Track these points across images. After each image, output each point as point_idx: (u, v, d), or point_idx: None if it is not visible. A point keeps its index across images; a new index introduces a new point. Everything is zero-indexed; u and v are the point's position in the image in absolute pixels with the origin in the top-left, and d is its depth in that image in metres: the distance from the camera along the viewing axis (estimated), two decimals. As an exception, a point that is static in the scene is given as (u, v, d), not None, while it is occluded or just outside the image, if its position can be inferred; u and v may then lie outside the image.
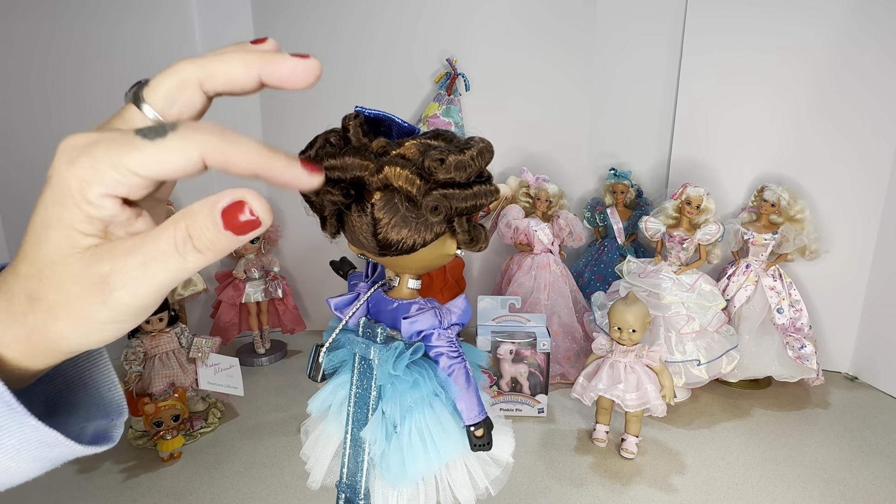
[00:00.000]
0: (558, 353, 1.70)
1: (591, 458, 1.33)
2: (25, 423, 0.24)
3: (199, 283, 1.64)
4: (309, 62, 0.25)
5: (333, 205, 0.59)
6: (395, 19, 1.82)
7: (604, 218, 1.90)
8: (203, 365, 1.37)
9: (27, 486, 1.02)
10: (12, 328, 0.24)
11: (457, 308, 0.74)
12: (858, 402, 1.61)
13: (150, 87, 0.25)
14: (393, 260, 0.65)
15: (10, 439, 0.24)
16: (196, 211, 0.22)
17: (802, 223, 1.58)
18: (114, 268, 0.22)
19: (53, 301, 0.23)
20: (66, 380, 0.31)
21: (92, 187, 0.22)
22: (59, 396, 0.31)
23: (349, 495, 0.80)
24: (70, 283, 0.23)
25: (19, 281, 0.24)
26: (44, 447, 0.25)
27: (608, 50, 1.88)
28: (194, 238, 0.22)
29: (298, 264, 2.00)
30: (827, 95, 1.63)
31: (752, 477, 1.27)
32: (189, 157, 0.22)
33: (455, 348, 0.73)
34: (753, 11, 1.65)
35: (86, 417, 0.30)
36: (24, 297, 0.23)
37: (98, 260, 0.23)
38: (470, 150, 0.57)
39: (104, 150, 0.22)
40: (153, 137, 0.22)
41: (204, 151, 0.22)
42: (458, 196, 0.57)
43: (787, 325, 1.59)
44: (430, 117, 1.79)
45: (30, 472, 0.26)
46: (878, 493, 1.22)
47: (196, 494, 1.19)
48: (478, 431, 0.73)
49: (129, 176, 0.22)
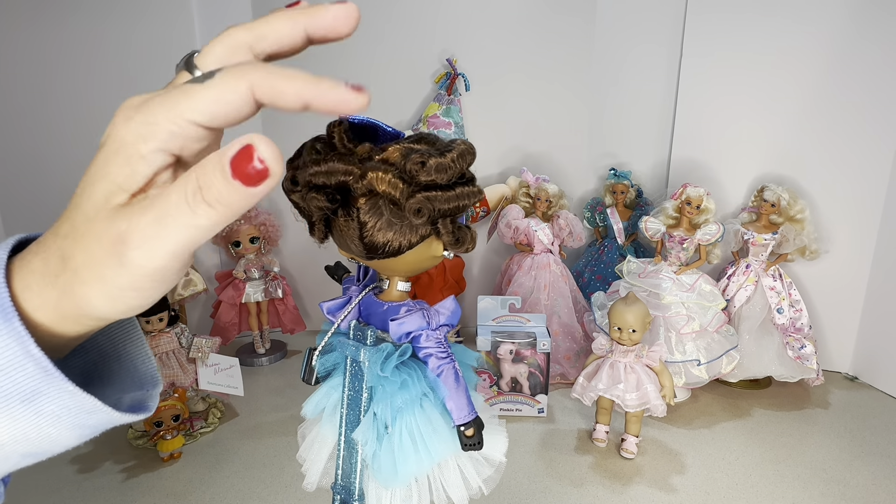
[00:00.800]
0: (558, 353, 1.70)
1: (591, 458, 1.33)
2: (64, 389, 0.24)
3: (199, 283, 1.64)
4: (348, 6, 0.25)
5: (320, 210, 0.60)
6: (395, 19, 1.82)
7: (604, 218, 1.90)
8: (203, 365, 1.37)
9: (27, 487, 1.02)
10: (44, 290, 0.24)
11: (445, 309, 0.74)
12: (858, 402, 1.61)
13: (202, 53, 0.25)
14: (381, 263, 0.67)
15: (50, 405, 0.24)
16: (206, 161, 0.22)
17: (802, 223, 1.58)
18: (129, 226, 0.22)
19: (81, 262, 0.23)
20: (100, 352, 0.31)
21: (147, 141, 0.23)
22: (94, 368, 0.31)
23: (344, 497, 0.81)
24: (95, 243, 0.23)
25: (57, 241, 0.24)
26: (83, 414, 0.25)
27: (608, 50, 1.88)
28: (203, 189, 0.21)
29: (298, 264, 2.00)
30: (826, 96, 1.63)
31: (752, 477, 1.27)
32: (240, 91, 0.22)
33: (444, 349, 0.74)
34: (753, 13, 1.65)
35: (121, 389, 0.31)
36: (58, 257, 0.24)
37: (119, 217, 0.23)
38: (451, 152, 0.58)
39: (158, 103, 0.23)
40: (203, 80, 0.22)
41: (253, 82, 0.22)
42: (441, 198, 0.59)
43: (787, 325, 1.59)
44: (430, 117, 1.79)
45: (70, 440, 0.26)
46: (878, 493, 1.22)
47: (196, 494, 1.19)
48: (468, 431, 0.74)
49: (185, 125, 0.22)
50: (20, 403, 0.23)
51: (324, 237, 0.65)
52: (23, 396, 0.23)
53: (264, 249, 1.78)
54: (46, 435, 0.25)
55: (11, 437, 0.24)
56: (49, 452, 0.26)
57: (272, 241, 1.79)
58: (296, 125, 2.15)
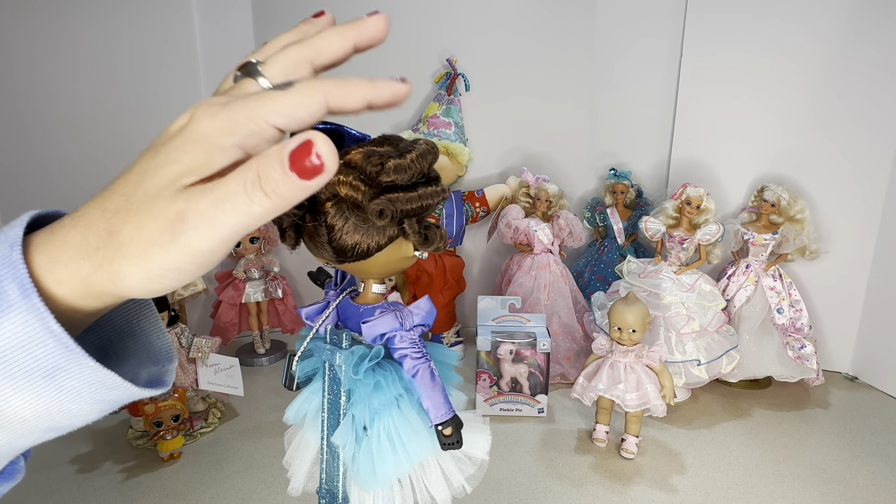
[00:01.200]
0: (558, 353, 1.70)
1: (591, 458, 1.33)
2: (84, 365, 0.24)
3: (199, 283, 1.64)
4: (382, 16, 0.29)
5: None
6: (396, 19, 1.81)
7: (604, 218, 1.90)
8: (203, 365, 1.37)
9: (27, 487, 1.02)
10: (76, 262, 0.24)
11: (419, 309, 0.75)
12: (858, 402, 1.61)
13: (266, 64, 0.28)
14: (353, 266, 0.68)
15: (71, 380, 0.24)
16: (267, 153, 0.23)
17: (802, 223, 1.58)
18: (188, 206, 0.23)
19: (128, 237, 0.24)
20: (115, 329, 0.32)
21: (230, 136, 0.24)
22: (109, 345, 0.32)
23: (328, 500, 0.81)
24: (150, 220, 0.24)
25: (106, 214, 0.24)
26: (102, 389, 0.25)
27: (608, 50, 1.88)
28: (262, 179, 0.23)
29: (298, 264, 2.00)
30: (827, 96, 1.63)
31: (752, 477, 1.27)
32: (316, 99, 0.25)
33: (418, 349, 0.74)
34: (753, 13, 1.65)
35: (137, 364, 0.31)
36: (103, 230, 0.24)
37: (180, 198, 0.24)
38: (411, 152, 0.59)
39: (243, 105, 0.24)
40: (284, 88, 0.25)
41: (327, 91, 0.25)
42: (403, 199, 0.59)
43: (787, 325, 1.59)
44: (430, 117, 1.79)
45: (90, 415, 0.26)
46: (878, 493, 1.22)
47: (196, 494, 1.19)
48: (446, 430, 0.74)
49: (265, 126, 0.24)
50: (42, 379, 0.24)
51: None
52: (44, 372, 0.24)
53: (264, 249, 1.78)
54: (67, 410, 0.25)
55: (34, 413, 0.25)
56: (70, 427, 0.27)
57: (272, 241, 1.79)
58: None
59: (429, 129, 1.77)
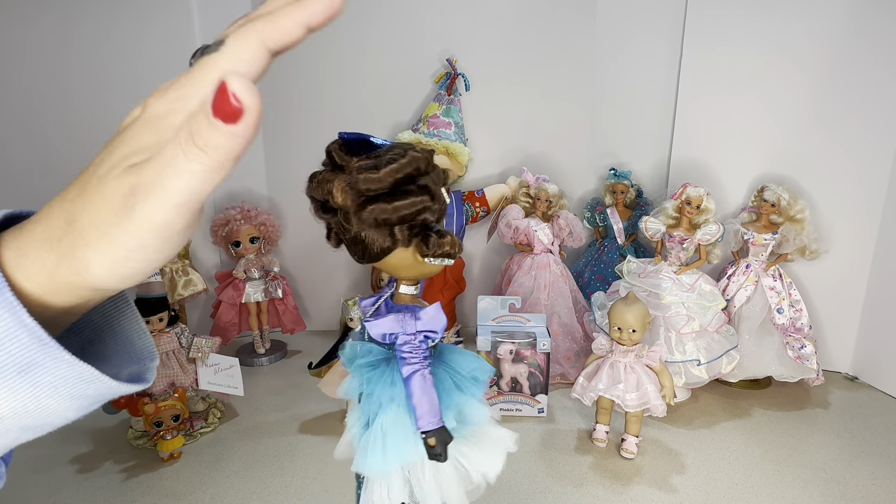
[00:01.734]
0: (558, 353, 1.70)
1: (591, 458, 1.33)
2: (60, 359, 0.24)
3: (199, 283, 1.64)
4: None
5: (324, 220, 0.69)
6: (396, 19, 1.82)
7: (604, 218, 1.90)
8: (203, 365, 1.37)
9: (27, 487, 1.01)
10: (42, 256, 0.24)
11: (425, 315, 0.76)
12: (858, 402, 1.61)
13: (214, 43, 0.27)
14: (380, 265, 0.72)
15: (47, 376, 0.24)
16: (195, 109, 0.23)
17: (802, 223, 1.58)
18: (138, 179, 0.23)
19: (87, 222, 0.23)
20: (95, 330, 0.31)
21: (179, 113, 0.24)
22: (90, 346, 0.31)
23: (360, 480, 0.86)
24: (104, 201, 0.23)
25: (64, 204, 0.24)
26: (80, 384, 0.25)
27: (608, 50, 1.88)
28: (194, 135, 0.22)
29: (298, 264, 2.00)
30: (827, 95, 1.63)
31: (752, 477, 1.27)
32: (252, 44, 0.24)
33: (416, 354, 0.76)
34: (753, 13, 1.65)
35: (118, 364, 0.31)
36: (63, 220, 0.24)
37: (129, 174, 0.23)
38: (389, 164, 0.62)
39: (186, 79, 0.24)
40: (217, 49, 0.24)
41: (261, 35, 0.24)
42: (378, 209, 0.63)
43: (787, 325, 1.59)
44: (430, 117, 1.79)
45: (69, 412, 0.26)
46: (878, 493, 1.22)
47: (196, 494, 1.19)
48: (430, 440, 0.75)
49: None
50: (17, 375, 0.23)
51: (337, 243, 0.71)
52: (19, 368, 0.23)
53: (264, 249, 1.78)
54: (45, 406, 0.25)
55: (11, 410, 0.24)
56: (49, 425, 0.26)
57: (272, 241, 1.79)
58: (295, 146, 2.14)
59: (429, 129, 1.77)
